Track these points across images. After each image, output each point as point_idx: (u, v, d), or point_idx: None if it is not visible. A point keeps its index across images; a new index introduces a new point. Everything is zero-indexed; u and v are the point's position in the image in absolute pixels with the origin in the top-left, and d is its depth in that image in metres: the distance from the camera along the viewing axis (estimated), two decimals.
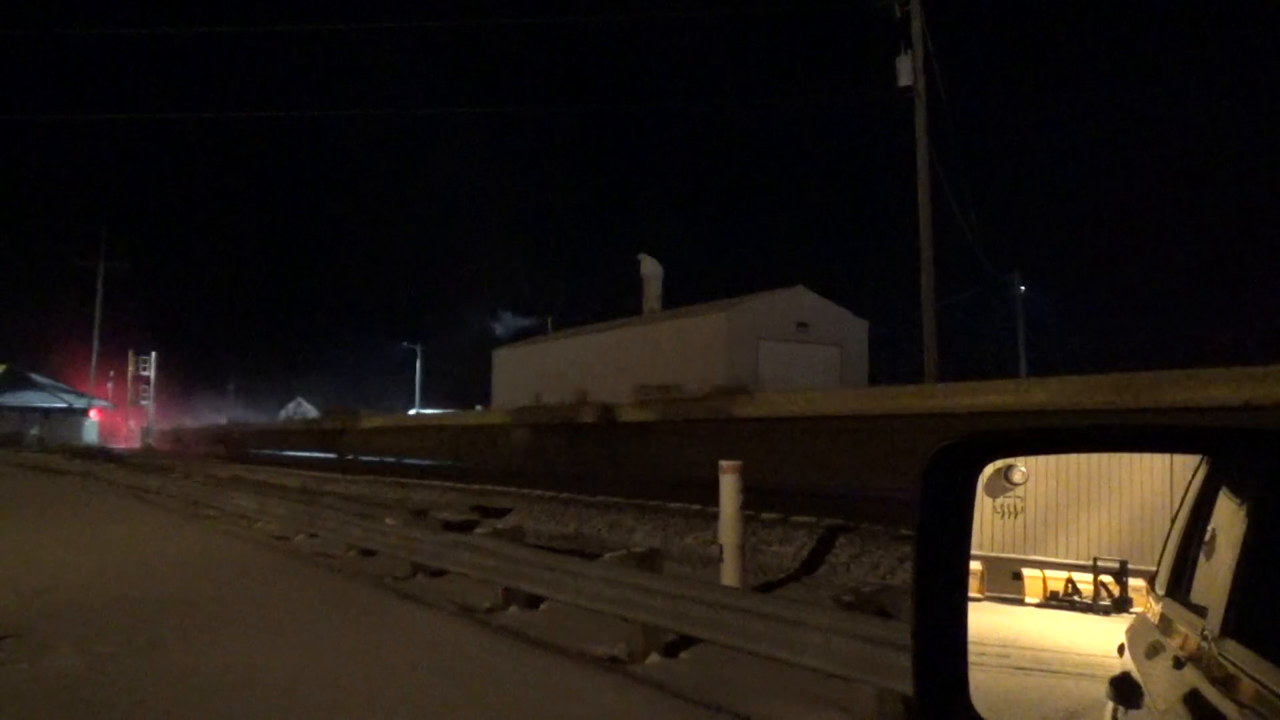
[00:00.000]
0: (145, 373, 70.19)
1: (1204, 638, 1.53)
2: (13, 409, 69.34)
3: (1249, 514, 1.46)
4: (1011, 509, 2.69)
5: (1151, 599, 2.19)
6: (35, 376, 73.61)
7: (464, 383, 68.19)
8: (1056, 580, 2.90)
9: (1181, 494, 2.09)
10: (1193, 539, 1.89)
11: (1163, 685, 1.68)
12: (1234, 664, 1.34)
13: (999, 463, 2.13)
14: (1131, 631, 2.18)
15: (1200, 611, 1.62)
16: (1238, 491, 1.57)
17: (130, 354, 70.28)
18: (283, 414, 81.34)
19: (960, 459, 1.56)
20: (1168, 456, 2.25)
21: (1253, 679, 1.27)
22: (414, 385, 72.19)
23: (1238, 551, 1.44)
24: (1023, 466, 2.69)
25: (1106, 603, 2.63)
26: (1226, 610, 1.45)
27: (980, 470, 1.61)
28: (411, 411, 58.78)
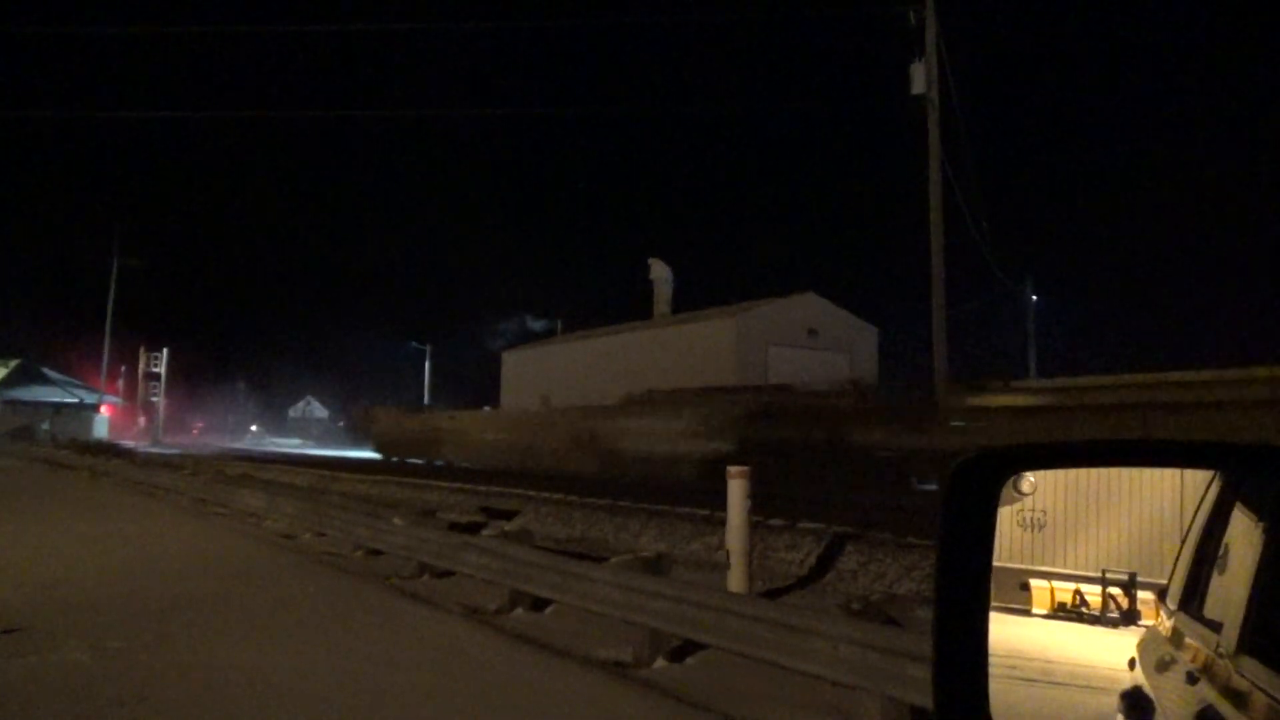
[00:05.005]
0: (156, 369, 70.39)
1: (1219, 653, 1.52)
2: (25, 403, 69.64)
3: (1265, 530, 1.45)
4: (1035, 522, 2.69)
5: (1162, 613, 2.18)
6: (48, 371, 73.94)
7: (473, 384, 68.27)
8: (1064, 592, 2.88)
9: (1192, 508, 2.08)
10: (1206, 554, 1.88)
11: (1175, 700, 1.67)
12: (1250, 680, 1.34)
13: None
14: (1142, 645, 2.17)
15: (1214, 626, 1.61)
16: (1253, 507, 1.56)
17: (141, 350, 70.53)
18: (292, 413, 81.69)
19: (982, 473, 1.56)
20: (1178, 471, 2.24)
21: (1269, 695, 1.26)
22: (423, 385, 72.32)
23: (1254, 567, 1.43)
24: (1031, 476, 2.68)
25: (1115, 615, 2.62)
26: (1242, 626, 1.45)
27: (1002, 484, 1.61)
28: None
